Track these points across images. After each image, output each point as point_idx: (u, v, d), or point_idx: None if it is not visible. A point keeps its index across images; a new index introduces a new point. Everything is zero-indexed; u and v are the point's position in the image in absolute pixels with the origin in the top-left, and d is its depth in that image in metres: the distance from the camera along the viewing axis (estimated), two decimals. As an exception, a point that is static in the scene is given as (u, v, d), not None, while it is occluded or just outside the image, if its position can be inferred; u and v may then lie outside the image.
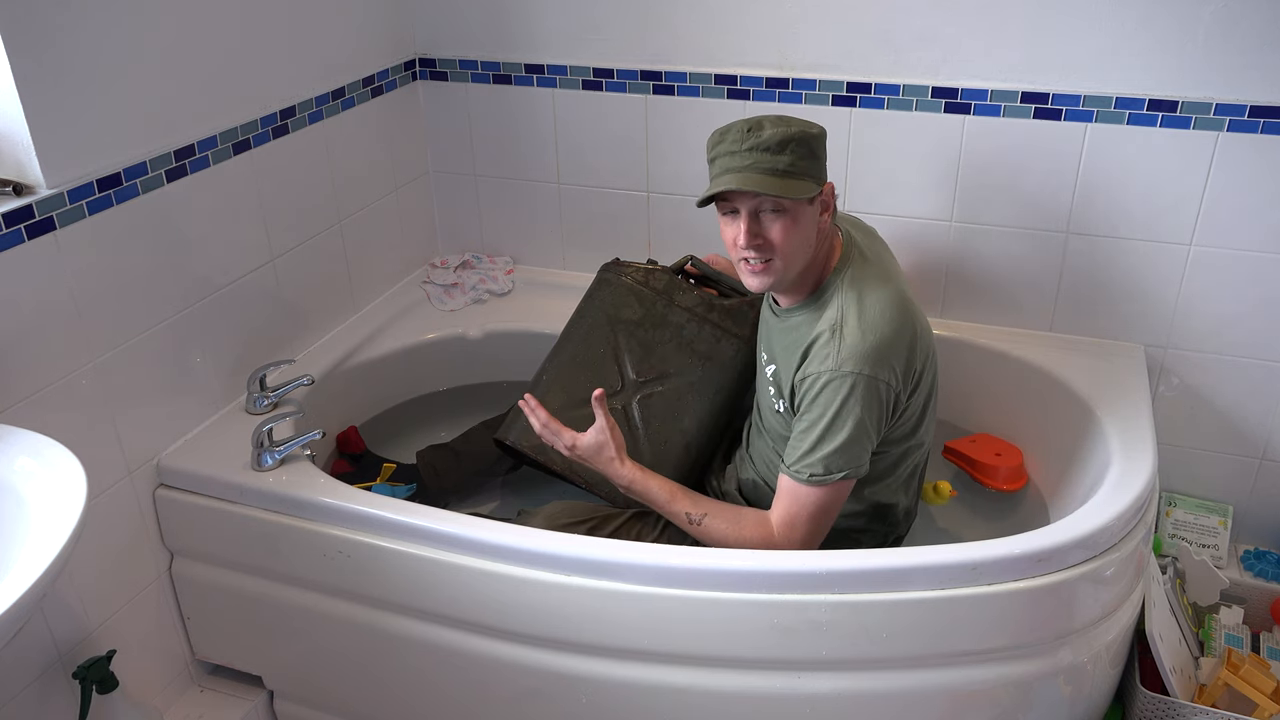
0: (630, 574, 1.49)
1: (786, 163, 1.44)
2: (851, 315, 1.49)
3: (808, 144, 1.46)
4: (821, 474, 1.48)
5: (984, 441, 1.99)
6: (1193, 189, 1.84)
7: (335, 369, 2.01)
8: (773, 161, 1.44)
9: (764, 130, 1.45)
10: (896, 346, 1.48)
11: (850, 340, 1.47)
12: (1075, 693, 1.55)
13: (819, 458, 1.48)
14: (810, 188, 1.46)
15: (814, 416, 1.49)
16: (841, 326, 1.48)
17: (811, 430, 1.49)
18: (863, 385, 1.46)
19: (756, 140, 1.45)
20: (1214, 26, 1.73)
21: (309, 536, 1.63)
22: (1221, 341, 1.94)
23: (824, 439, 1.48)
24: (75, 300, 1.52)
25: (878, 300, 1.51)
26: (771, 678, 1.51)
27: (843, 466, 1.48)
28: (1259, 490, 2.04)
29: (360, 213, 2.14)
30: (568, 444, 1.62)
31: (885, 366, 1.47)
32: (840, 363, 1.46)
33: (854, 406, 1.46)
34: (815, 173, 1.48)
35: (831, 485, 1.49)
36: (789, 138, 1.44)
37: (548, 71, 2.15)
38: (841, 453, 1.47)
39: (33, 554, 1.09)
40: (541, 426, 1.63)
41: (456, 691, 1.69)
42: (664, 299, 1.82)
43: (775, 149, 1.44)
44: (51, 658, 1.57)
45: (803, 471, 1.49)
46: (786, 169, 1.44)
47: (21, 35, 1.39)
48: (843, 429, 1.47)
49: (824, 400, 1.48)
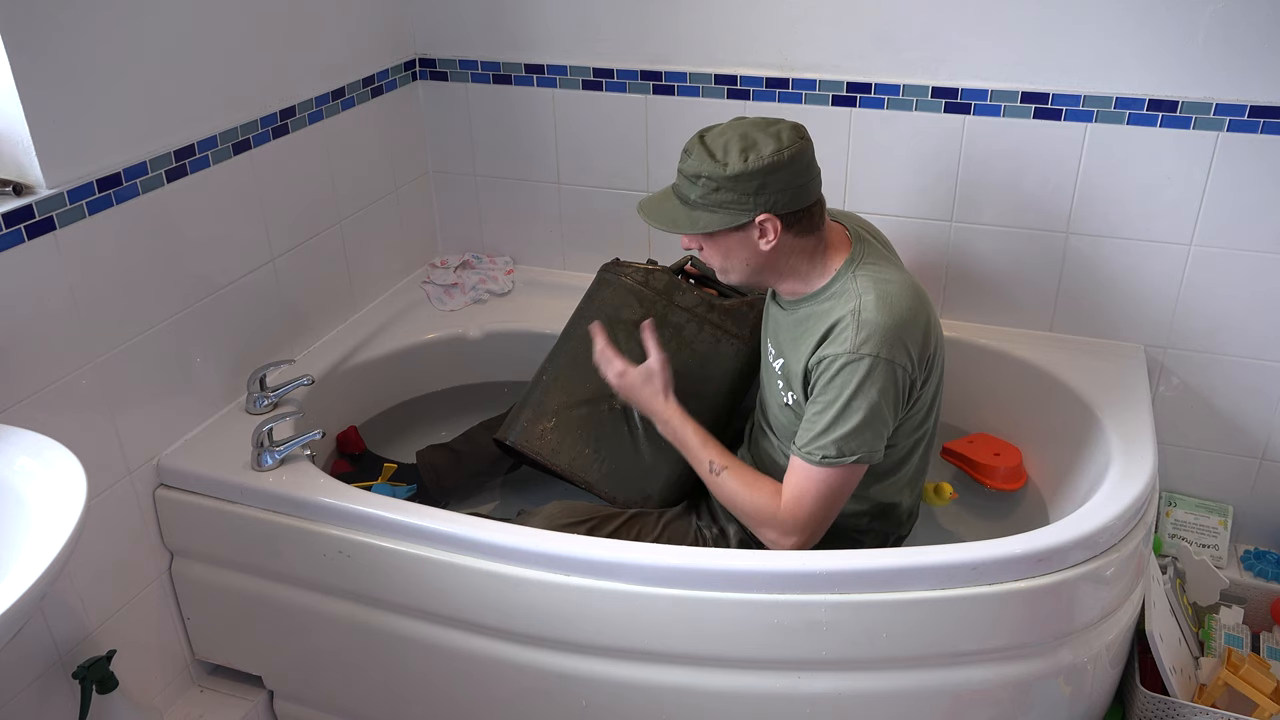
0: (630, 574, 1.49)
1: (697, 194, 1.47)
2: (870, 300, 1.48)
3: (719, 181, 1.44)
4: (834, 456, 1.47)
5: (982, 441, 1.99)
6: (1193, 189, 1.84)
7: (335, 369, 2.01)
8: (687, 189, 1.49)
9: (691, 155, 1.48)
10: (913, 331, 1.48)
11: (869, 323, 1.46)
12: (1075, 693, 1.55)
13: (832, 439, 1.47)
14: (719, 221, 1.46)
15: (829, 398, 1.48)
16: (860, 311, 1.47)
17: (826, 412, 1.48)
18: (881, 368, 1.45)
19: (684, 163, 1.49)
20: (1214, 26, 1.73)
21: (309, 536, 1.63)
22: (1221, 341, 1.94)
23: (838, 421, 1.46)
24: (75, 300, 1.52)
25: (894, 286, 1.50)
26: (771, 678, 1.51)
27: (856, 450, 1.47)
28: (1259, 490, 2.05)
29: (360, 213, 2.14)
30: (618, 371, 1.66)
31: (902, 350, 1.46)
32: (859, 345, 1.45)
33: (870, 390, 1.45)
34: (733, 205, 1.45)
35: (843, 468, 1.48)
36: (698, 173, 1.46)
37: (548, 71, 2.15)
38: (855, 435, 1.46)
39: (33, 554, 1.09)
40: (599, 353, 1.69)
41: (456, 691, 1.69)
42: (664, 299, 1.82)
43: (689, 181, 1.48)
44: (51, 658, 1.57)
45: (815, 453, 1.48)
46: (696, 200, 1.48)
47: (21, 35, 1.39)
48: (858, 411, 1.45)
49: (840, 382, 1.46)
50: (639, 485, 1.75)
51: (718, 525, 1.72)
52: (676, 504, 1.77)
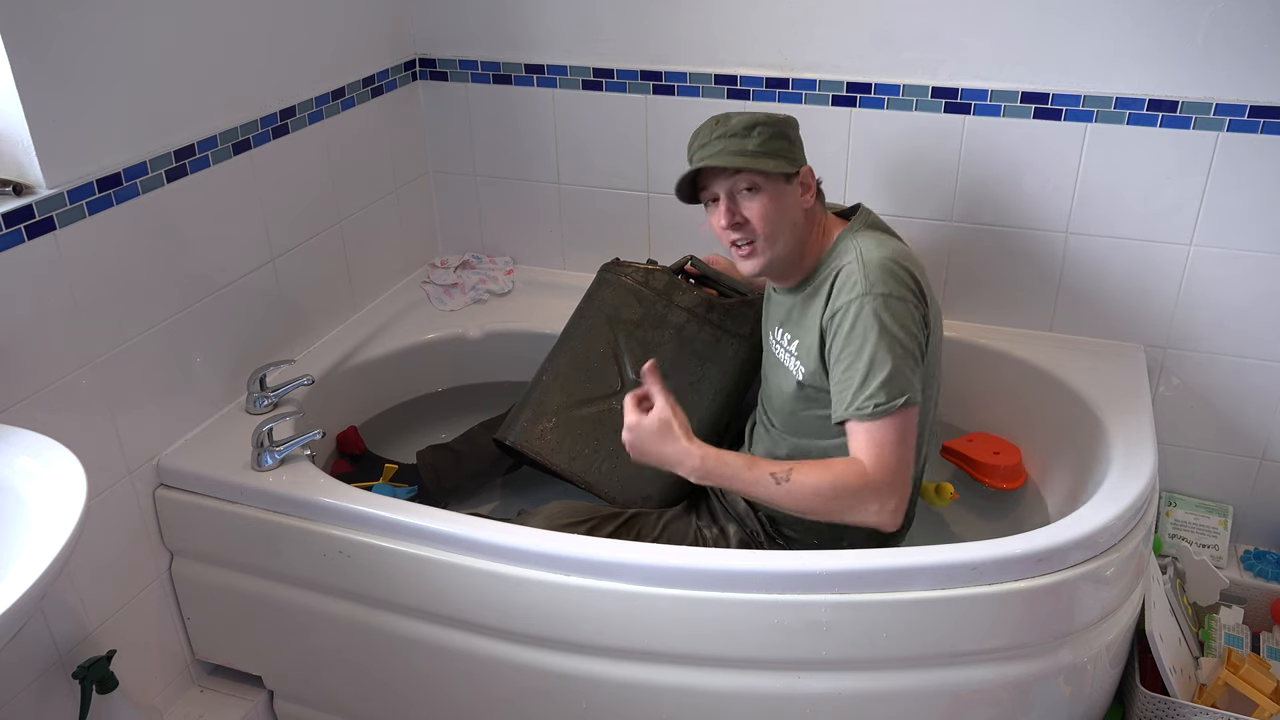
0: (630, 574, 1.49)
1: (755, 143, 1.51)
2: (869, 244, 1.53)
3: (775, 126, 1.53)
4: (885, 402, 1.43)
5: (981, 440, 1.99)
6: (1193, 189, 1.84)
7: (335, 369, 2.01)
8: (741, 144, 1.51)
9: (731, 119, 1.54)
10: (912, 271, 1.51)
11: (873, 263, 1.49)
12: (1075, 693, 1.55)
13: (877, 385, 1.43)
14: (781, 165, 1.52)
15: (855, 348, 1.46)
16: (862, 255, 1.51)
17: (857, 362, 1.45)
18: (895, 304, 1.46)
19: (725, 128, 1.53)
20: (1214, 26, 1.73)
21: (309, 536, 1.63)
22: (1221, 341, 1.94)
23: (873, 366, 1.44)
24: (75, 300, 1.52)
25: (891, 239, 1.57)
26: (771, 678, 1.51)
27: (904, 389, 1.43)
28: (1259, 490, 2.04)
29: (360, 213, 2.14)
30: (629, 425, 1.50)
31: (905, 286, 1.49)
32: (870, 285, 1.47)
33: (893, 326, 1.45)
34: (787, 153, 1.54)
35: (898, 413, 1.43)
36: (754, 121, 1.52)
37: (548, 71, 2.15)
38: (897, 376, 1.43)
39: (33, 554, 1.09)
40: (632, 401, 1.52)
41: (456, 691, 1.69)
42: (664, 299, 1.82)
43: (742, 133, 1.52)
44: (51, 658, 1.57)
45: (866, 406, 1.43)
46: (755, 149, 1.51)
47: (21, 35, 1.39)
48: (887, 350, 1.44)
49: (862, 327, 1.45)
50: (639, 485, 1.75)
51: (718, 525, 1.72)
52: (676, 504, 1.77)
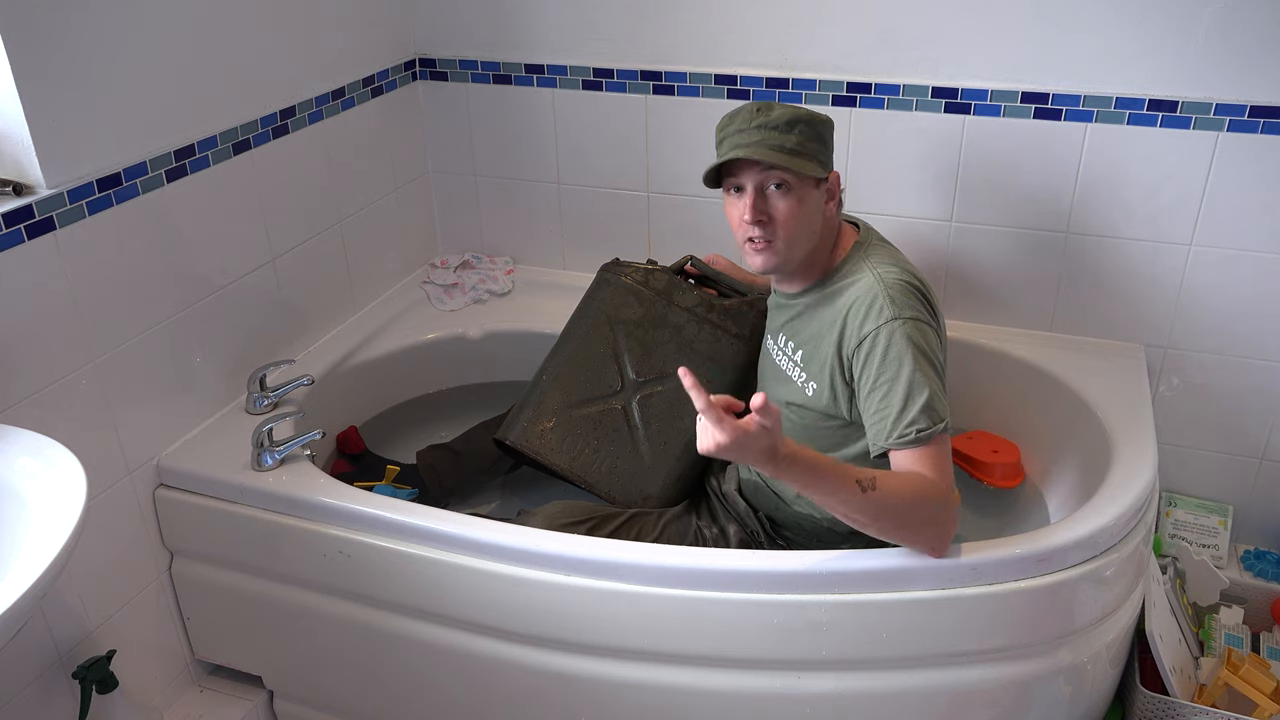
0: (630, 574, 1.49)
1: (794, 141, 1.47)
2: (888, 269, 1.51)
3: (815, 127, 1.49)
4: (927, 428, 1.38)
5: (980, 438, 1.99)
6: (1193, 189, 1.84)
7: (335, 369, 2.01)
8: (780, 139, 1.46)
9: (773, 110, 1.48)
10: (927, 291, 1.52)
11: (895, 286, 1.47)
12: (1075, 693, 1.55)
13: (918, 410, 1.39)
14: (816, 168, 1.48)
15: (890, 374, 1.43)
16: (881, 278, 1.49)
17: (895, 389, 1.41)
18: (925, 329, 1.46)
19: (766, 119, 1.47)
20: (1214, 26, 1.73)
21: (309, 536, 1.64)
22: (1221, 341, 1.94)
23: (913, 391, 1.41)
24: (75, 300, 1.52)
25: (904, 262, 1.55)
26: (771, 678, 1.51)
27: (941, 413, 1.40)
28: (1259, 490, 2.04)
29: (360, 213, 2.14)
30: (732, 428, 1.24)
31: (925, 308, 1.49)
32: (898, 310, 1.45)
33: (926, 349, 1.44)
34: (822, 157, 1.51)
35: (939, 438, 1.40)
36: (797, 118, 1.48)
37: (548, 71, 2.15)
38: (935, 399, 1.41)
39: (33, 554, 1.09)
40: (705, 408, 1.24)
41: (456, 691, 1.69)
42: (664, 299, 1.82)
43: (784, 128, 1.47)
44: (51, 658, 1.57)
45: (909, 432, 1.39)
46: (794, 147, 1.47)
47: (21, 35, 1.39)
48: (923, 374, 1.41)
49: (896, 352, 1.43)
50: (639, 485, 1.75)
51: (718, 525, 1.72)
52: (676, 504, 1.77)
